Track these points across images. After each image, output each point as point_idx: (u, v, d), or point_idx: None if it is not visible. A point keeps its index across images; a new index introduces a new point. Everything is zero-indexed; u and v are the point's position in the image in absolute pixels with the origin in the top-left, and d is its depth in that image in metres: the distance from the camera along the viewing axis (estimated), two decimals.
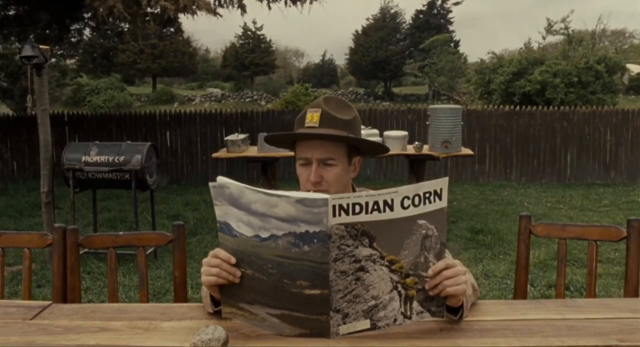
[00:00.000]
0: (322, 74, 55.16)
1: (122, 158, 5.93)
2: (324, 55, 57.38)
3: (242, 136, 7.74)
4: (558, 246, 2.65)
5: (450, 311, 1.70)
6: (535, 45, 22.06)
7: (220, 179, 1.58)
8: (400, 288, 1.54)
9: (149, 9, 7.17)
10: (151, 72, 47.00)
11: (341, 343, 1.56)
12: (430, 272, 1.56)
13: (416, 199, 1.48)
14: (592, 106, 12.30)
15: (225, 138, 7.62)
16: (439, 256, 1.57)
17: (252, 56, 49.76)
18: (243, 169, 10.84)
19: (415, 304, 1.57)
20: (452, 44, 39.86)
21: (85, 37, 13.95)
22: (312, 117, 1.89)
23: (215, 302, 1.79)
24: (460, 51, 37.53)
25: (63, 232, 2.61)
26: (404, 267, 1.52)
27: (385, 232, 1.47)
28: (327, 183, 1.90)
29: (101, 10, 6.74)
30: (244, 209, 1.53)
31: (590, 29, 21.73)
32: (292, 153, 2.13)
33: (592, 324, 1.75)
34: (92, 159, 5.95)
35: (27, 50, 5.83)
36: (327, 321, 1.52)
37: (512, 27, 78.49)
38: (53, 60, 26.37)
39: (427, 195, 1.49)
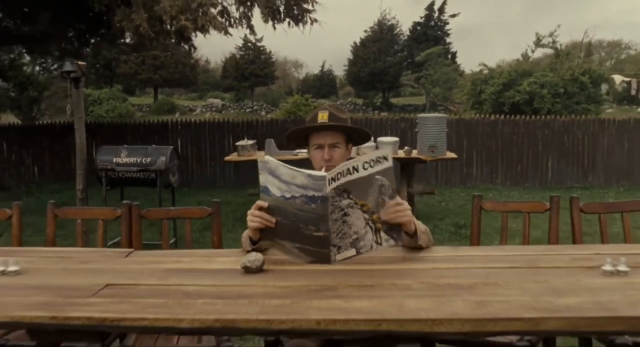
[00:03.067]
0: (321, 84, 55.73)
1: (148, 159, 6.81)
2: (322, 66, 57.98)
3: (250, 142, 8.63)
4: (502, 218, 3.54)
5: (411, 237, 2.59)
6: (531, 56, 22.92)
7: (267, 157, 2.45)
8: (370, 223, 2.41)
9: (169, 27, 8.06)
10: (153, 82, 47.66)
11: (337, 266, 2.44)
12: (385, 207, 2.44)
13: (371, 162, 2.36)
14: (572, 115, 13.21)
15: (236, 143, 8.50)
16: (392, 198, 2.44)
17: (252, 67, 50.48)
18: (249, 172, 11.70)
19: (382, 233, 2.44)
20: (449, 56, 40.81)
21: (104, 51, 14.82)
22: (323, 116, 2.78)
23: (252, 243, 2.65)
24: (458, 62, 38.50)
25: (129, 207, 3.50)
26: (370, 208, 2.39)
27: (356, 186, 2.34)
28: (335, 160, 2.77)
29: (128, 30, 7.66)
30: (277, 178, 2.40)
31: (581, 40, 22.59)
32: (294, 157, 3.02)
33: (509, 257, 2.64)
34: (122, 160, 6.83)
35: (68, 66, 6.72)
36: (327, 253, 2.39)
37: (510, 38, 79.60)
38: (54, 69, 27.15)
39: (379, 159, 2.36)
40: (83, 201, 7.11)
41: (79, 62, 6.81)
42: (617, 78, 15.82)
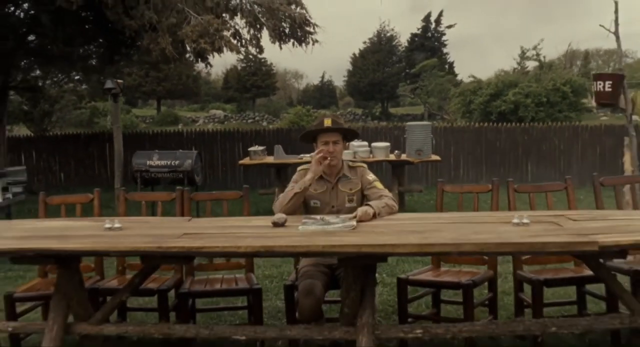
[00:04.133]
0: (322, 95, 56.25)
1: (177, 162, 8.06)
2: (322, 77, 58.47)
3: (260, 148, 9.86)
4: (458, 197, 4.77)
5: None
6: (528, 66, 24.06)
7: (301, 228, 3.59)
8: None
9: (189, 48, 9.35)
10: (156, 94, 48.55)
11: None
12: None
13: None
14: (549, 123, 14.48)
15: (249, 149, 9.73)
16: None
17: (253, 79, 51.42)
18: (257, 175, 12.94)
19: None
20: (446, 66, 42.01)
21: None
22: (328, 122, 4.03)
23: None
24: (457, 71, 39.71)
25: (182, 191, 4.72)
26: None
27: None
28: (337, 152, 4.04)
29: (155, 52, 8.94)
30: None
31: (566, 52, 23.83)
32: (299, 161, 4.31)
33: (455, 218, 3.88)
34: (154, 163, 8.08)
35: (109, 84, 7.99)
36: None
37: (510, 47, 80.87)
38: (71, 85, 28.35)
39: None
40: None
41: (118, 81, 8.05)
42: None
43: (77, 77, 30.32)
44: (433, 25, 48.94)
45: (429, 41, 48.08)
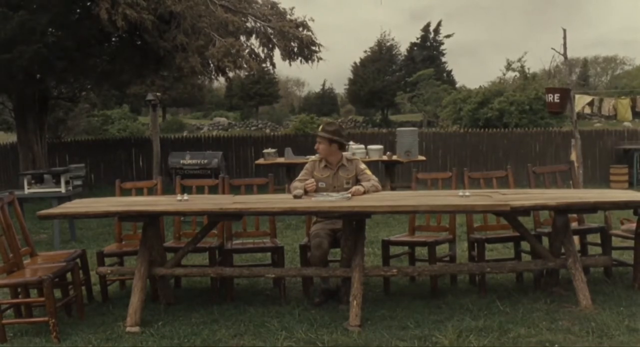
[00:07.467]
0: (323, 102, 57.03)
1: (205, 161, 9.74)
2: (323, 85, 59.60)
3: (273, 150, 11.54)
4: (427, 182, 6.45)
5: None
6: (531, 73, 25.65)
7: (314, 199, 5.30)
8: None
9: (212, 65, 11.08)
10: (161, 103, 49.74)
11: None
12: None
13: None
14: (526, 128, 16.19)
15: (263, 151, 11.40)
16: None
17: (256, 87, 52.80)
18: (267, 174, 14.61)
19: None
20: (444, 74, 43.68)
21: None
22: (320, 130, 5.66)
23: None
24: (457, 79, 41.37)
25: (223, 178, 6.39)
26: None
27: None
28: (320, 149, 5.61)
29: (186, 69, 10.64)
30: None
31: (550, 63, 25.43)
32: (305, 160, 6.00)
33: (421, 193, 5.56)
34: (187, 161, 9.77)
35: (149, 96, 9.66)
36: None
37: (510, 55, 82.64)
38: (83, 93, 30.08)
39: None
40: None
41: (157, 93, 9.74)
42: (586, 98, 18.22)
43: (89, 86, 31.97)
44: (432, 35, 50.41)
45: (427, 50, 49.51)
